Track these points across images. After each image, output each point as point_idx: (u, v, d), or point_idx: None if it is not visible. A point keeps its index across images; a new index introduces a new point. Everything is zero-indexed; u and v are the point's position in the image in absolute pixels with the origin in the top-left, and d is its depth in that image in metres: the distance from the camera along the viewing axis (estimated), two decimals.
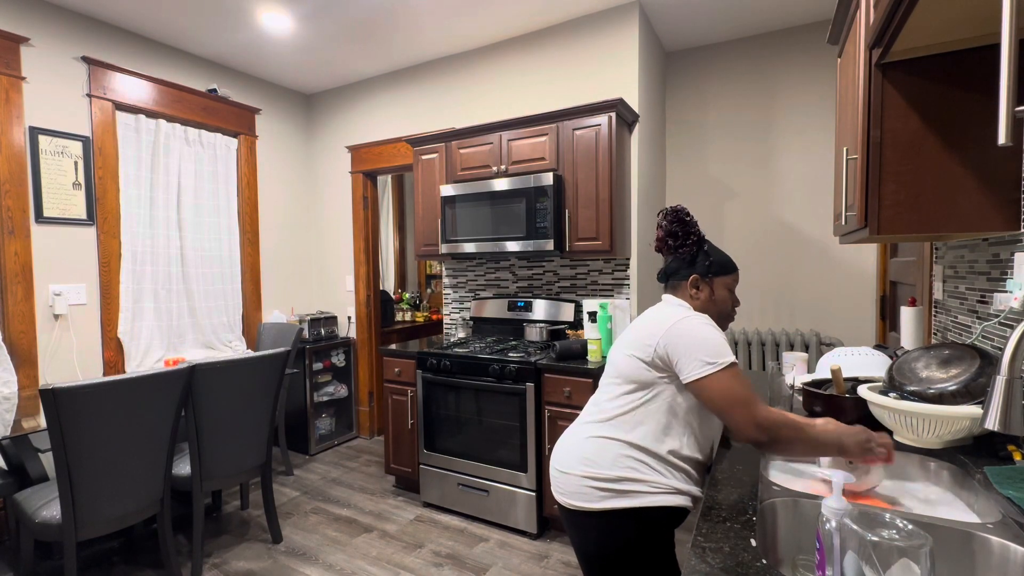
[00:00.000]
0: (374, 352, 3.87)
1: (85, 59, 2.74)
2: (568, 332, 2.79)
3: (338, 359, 3.77)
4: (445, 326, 3.43)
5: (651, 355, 1.15)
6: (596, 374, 2.28)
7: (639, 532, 1.15)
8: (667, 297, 1.29)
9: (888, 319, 2.64)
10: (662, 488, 1.14)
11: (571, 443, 1.25)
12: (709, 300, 1.25)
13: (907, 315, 1.76)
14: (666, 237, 1.29)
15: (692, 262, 1.26)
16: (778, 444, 1.04)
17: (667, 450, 1.15)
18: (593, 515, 1.17)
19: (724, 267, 1.26)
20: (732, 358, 1.09)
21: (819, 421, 1.06)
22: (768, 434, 1.03)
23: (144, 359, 2.99)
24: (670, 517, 1.16)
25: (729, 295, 1.27)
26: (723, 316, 1.27)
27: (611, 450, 1.17)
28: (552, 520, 2.50)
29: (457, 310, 3.38)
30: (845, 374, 1.53)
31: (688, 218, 1.27)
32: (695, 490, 1.18)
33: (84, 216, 2.75)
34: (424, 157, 3.05)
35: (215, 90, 3.34)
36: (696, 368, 1.09)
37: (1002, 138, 0.60)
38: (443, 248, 2.91)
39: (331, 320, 3.80)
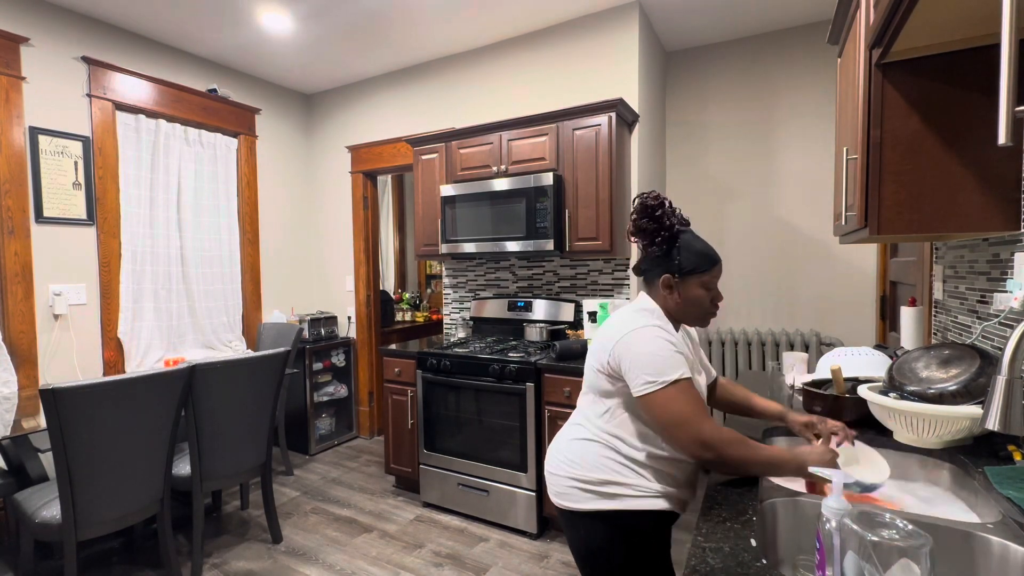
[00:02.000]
0: (374, 352, 3.87)
1: (85, 59, 2.74)
2: (568, 332, 2.79)
3: (338, 359, 3.77)
4: (445, 326, 3.43)
5: (607, 368, 1.13)
6: None
7: (627, 534, 1.14)
8: (640, 296, 1.24)
9: (888, 319, 2.64)
10: (646, 492, 1.13)
11: (559, 445, 1.26)
12: (683, 301, 1.16)
13: (907, 315, 1.76)
14: (636, 232, 1.18)
15: (663, 260, 1.17)
16: (726, 462, 1.00)
17: (645, 455, 1.14)
18: (581, 515, 1.18)
19: (698, 265, 1.14)
20: (676, 375, 1.04)
21: (775, 447, 1.03)
22: (714, 452, 0.99)
23: (144, 359, 2.99)
24: (657, 520, 1.15)
25: (705, 293, 1.16)
26: (701, 316, 1.18)
27: (595, 452, 1.17)
28: (552, 520, 2.50)
29: (457, 310, 3.38)
30: (845, 374, 1.53)
31: (659, 211, 1.15)
32: (681, 492, 1.17)
33: (84, 216, 2.75)
34: (424, 157, 3.05)
35: (215, 90, 3.34)
36: (640, 385, 1.06)
37: (1002, 138, 0.60)
38: (443, 248, 2.91)
39: (331, 320, 3.80)
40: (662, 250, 1.17)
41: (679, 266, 1.15)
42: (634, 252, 2.76)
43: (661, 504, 1.14)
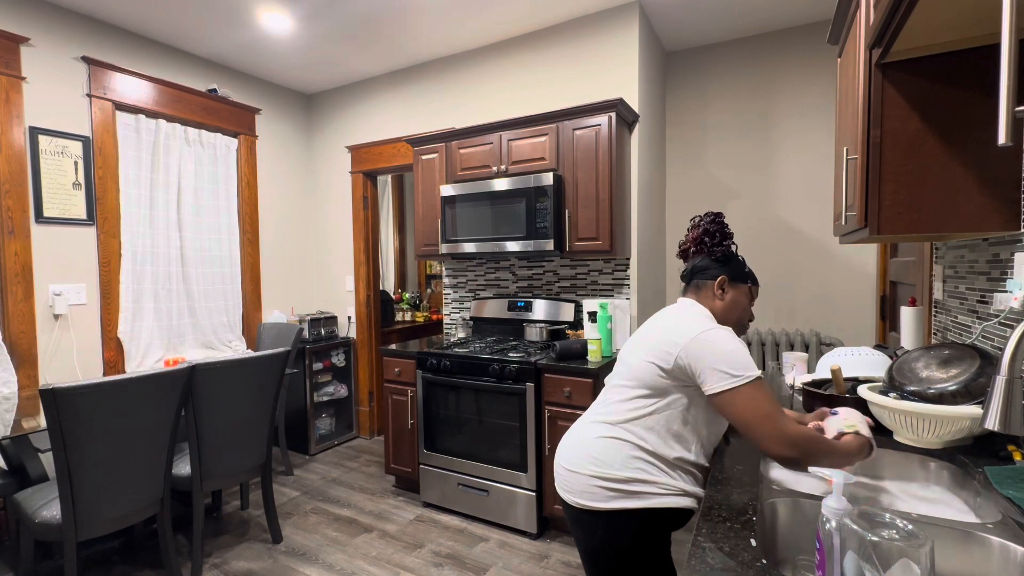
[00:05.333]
0: (374, 352, 3.87)
1: (85, 59, 2.74)
2: (568, 332, 2.79)
3: (338, 359, 3.77)
4: (445, 326, 3.43)
5: (671, 364, 1.13)
6: (596, 374, 2.28)
7: (644, 531, 1.15)
8: (685, 300, 1.28)
9: (888, 319, 2.64)
10: (671, 490, 1.15)
11: (579, 441, 1.24)
12: (732, 304, 1.26)
13: (907, 315, 1.76)
14: (703, 236, 1.30)
15: (724, 263, 1.27)
16: (810, 459, 1.00)
17: (675, 456, 1.15)
18: (600, 514, 1.17)
19: (751, 276, 1.29)
20: (758, 372, 1.07)
21: (841, 440, 1.07)
22: (799, 449, 1.00)
23: (144, 359, 2.99)
24: (675, 517, 1.17)
25: (749, 302, 1.28)
26: (739, 325, 1.28)
27: (622, 451, 1.17)
28: (552, 520, 2.50)
29: (457, 310, 3.38)
30: (845, 374, 1.53)
31: (727, 227, 1.31)
32: (700, 491, 1.18)
33: (84, 216, 2.75)
34: (424, 157, 3.05)
35: (215, 90, 3.34)
36: (721, 381, 1.06)
37: (1002, 138, 0.60)
38: (443, 248, 2.91)
39: (331, 320, 3.80)
40: (725, 253, 1.29)
41: (737, 271, 1.27)
42: (634, 252, 2.76)
43: (684, 502, 1.15)
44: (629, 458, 1.16)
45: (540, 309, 2.92)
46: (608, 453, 1.18)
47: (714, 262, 1.27)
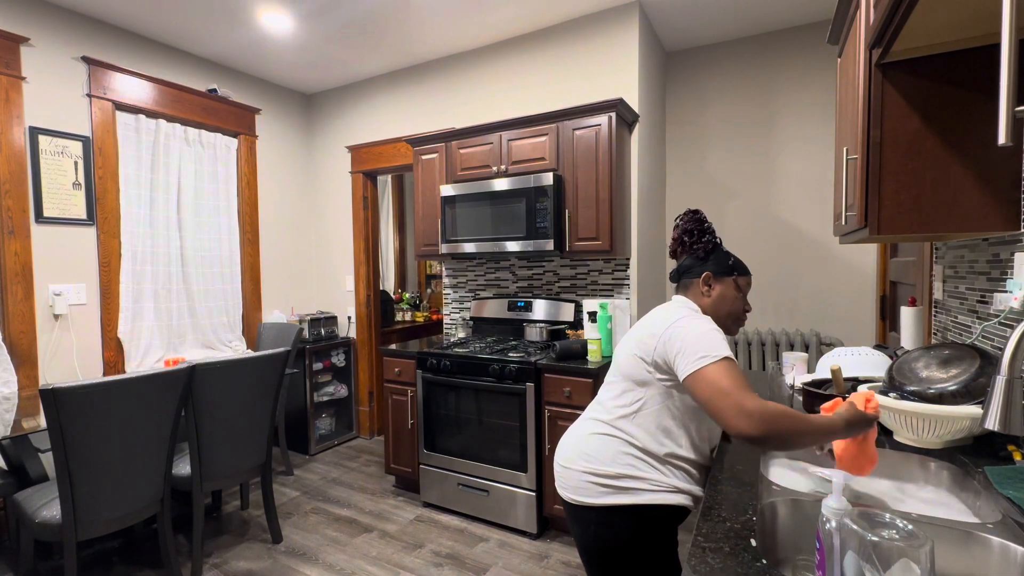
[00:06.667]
0: (374, 352, 3.87)
1: (85, 59, 2.74)
2: (568, 332, 2.79)
3: (338, 359, 3.77)
4: (445, 326, 3.43)
5: (651, 355, 1.15)
6: (596, 374, 2.28)
7: (639, 528, 1.15)
8: (676, 297, 1.29)
9: (888, 319, 2.64)
10: (662, 487, 1.15)
11: (574, 439, 1.27)
12: (720, 299, 1.25)
13: (907, 315, 1.76)
14: (682, 235, 1.31)
15: (705, 259, 1.27)
16: (777, 436, 0.94)
17: (665, 452, 1.16)
18: (593, 510, 1.18)
19: (737, 267, 1.27)
20: (726, 353, 1.06)
21: (819, 415, 1.01)
22: (761, 425, 0.93)
23: (144, 359, 2.99)
24: (671, 515, 1.17)
25: (740, 296, 1.26)
26: (733, 317, 1.27)
27: (612, 447, 1.19)
28: (552, 520, 2.50)
29: (457, 310, 3.38)
30: (845, 374, 1.53)
31: (707, 222, 1.31)
32: (696, 489, 1.18)
33: (84, 216, 2.75)
34: (424, 157, 3.05)
35: (215, 90, 3.34)
36: (688, 364, 1.06)
37: (1002, 138, 0.60)
38: (443, 248, 2.91)
39: (331, 320, 3.80)
40: (705, 250, 1.28)
41: (721, 265, 1.26)
42: (634, 252, 2.76)
43: (676, 499, 1.15)
44: (619, 454, 1.17)
45: (540, 309, 2.92)
46: (599, 449, 1.20)
47: (697, 260, 1.28)
